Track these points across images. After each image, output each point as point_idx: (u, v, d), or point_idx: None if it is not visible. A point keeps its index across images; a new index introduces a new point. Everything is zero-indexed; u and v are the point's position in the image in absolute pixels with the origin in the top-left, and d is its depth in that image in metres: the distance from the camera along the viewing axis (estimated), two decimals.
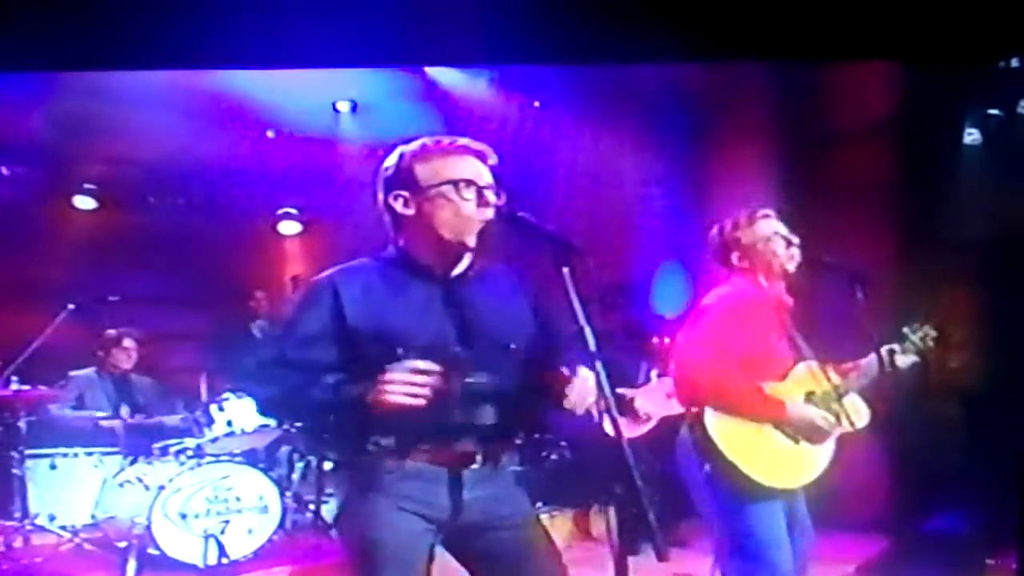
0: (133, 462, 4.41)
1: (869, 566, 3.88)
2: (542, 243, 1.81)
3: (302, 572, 4.16)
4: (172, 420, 4.89)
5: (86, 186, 6.27)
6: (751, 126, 5.32)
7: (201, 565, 3.99)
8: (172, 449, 4.38)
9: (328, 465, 5.85)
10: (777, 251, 2.68)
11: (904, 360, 2.75)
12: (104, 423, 4.82)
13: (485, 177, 1.96)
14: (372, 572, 1.85)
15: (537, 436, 4.97)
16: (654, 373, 4.94)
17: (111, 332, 5.23)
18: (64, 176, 6.18)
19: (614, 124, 5.48)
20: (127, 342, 5.23)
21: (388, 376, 1.76)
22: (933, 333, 2.80)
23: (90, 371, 5.18)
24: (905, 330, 2.79)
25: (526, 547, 1.97)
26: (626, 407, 4.61)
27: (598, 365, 1.68)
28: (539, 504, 5.09)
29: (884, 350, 2.74)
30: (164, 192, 6.40)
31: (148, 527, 3.95)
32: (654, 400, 4.71)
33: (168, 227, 6.26)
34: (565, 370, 1.87)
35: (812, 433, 2.60)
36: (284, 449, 5.10)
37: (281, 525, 4.32)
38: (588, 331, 1.71)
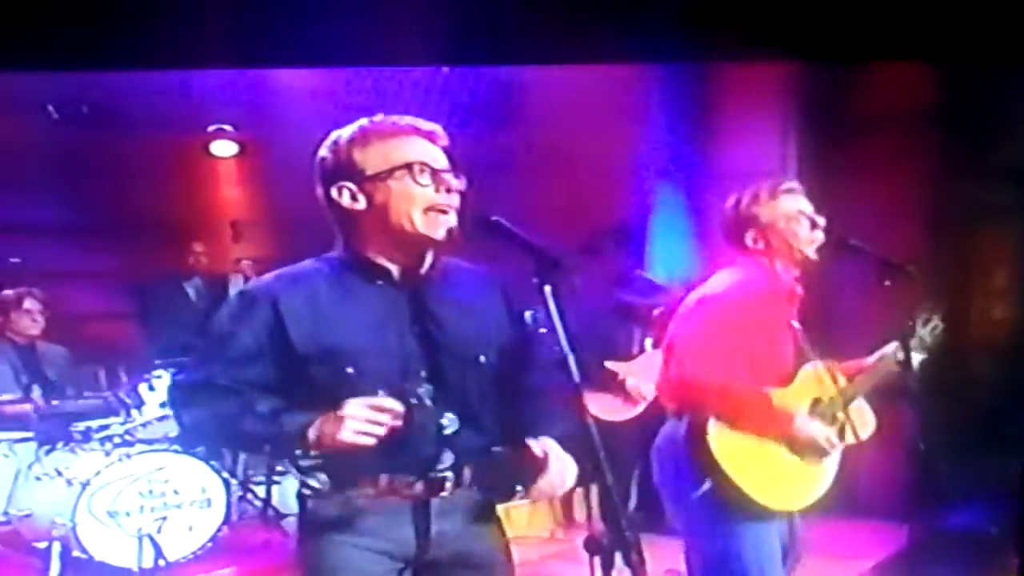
0: (50, 451, 4.45)
1: (888, 563, 4.06)
2: (521, 255, 1.84)
3: (248, 574, 4.27)
4: (93, 401, 4.87)
5: None
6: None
7: (135, 568, 4.08)
8: (96, 436, 4.43)
9: None
10: (799, 233, 2.67)
11: (913, 357, 2.75)
12: (9, 408, 4.74)
13: (440, 160, 1.95)
14: None
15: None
16: (648, 342, 4.96)
17: (8, 293, 5.11)
18: None
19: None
20: (29, 303, 5.08)
21: (343, 412, 1.75)
22: (941, 326, 2.84)
23: None
24: (912, 323, 2.81)
25: None
26: (615, 385, 4.66)
27: (585, 401, 1.73)
28: (519, 488, 5.21)
29: (893, 346, 2.77)
30: (67, 100, 6.03)
31: (73, 528, 4.02)
32: (649, 376, 4.71)
33: (73, 144, 6.02)
34: (536, 446, 1.89)
35: (815, 451, 2.68)
36: None
37: (226, 520, 4.42)
38: (572, 360, 1.76)
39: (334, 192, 1.92)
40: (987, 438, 3.92)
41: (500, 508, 2.07)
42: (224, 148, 6.89)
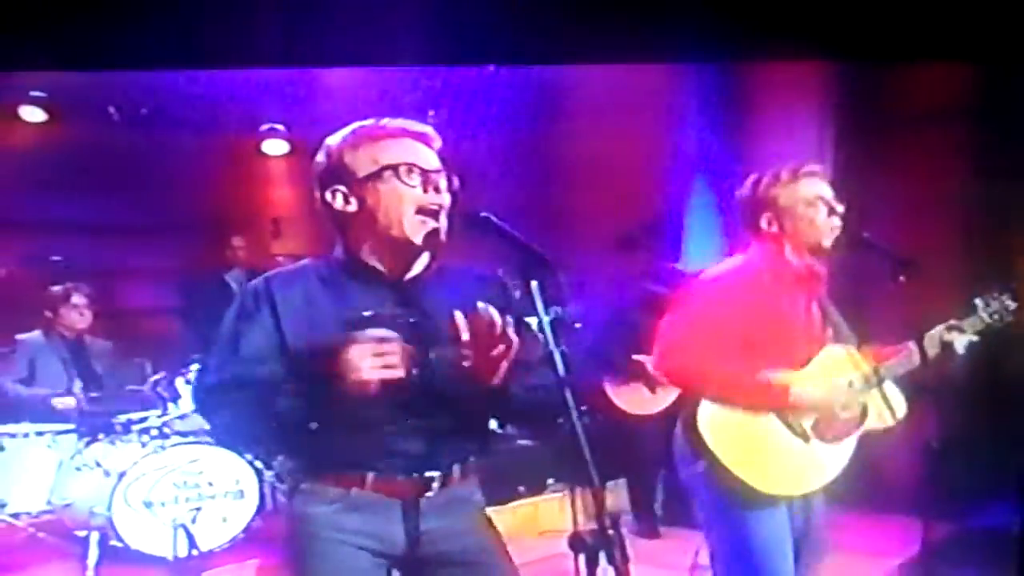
0: (90, 443, 4.59)
1: (916, 560, 4.00)
2: (508, 251, 1.85)
3: (271, 569, 4.33)
4: (131, 394, 4.99)
5: (33, 94, 6.17)
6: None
7: (170, 557, 4.17)
8: (135, 428, 4.55)
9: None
10: (816, 219, 2.63)
11: (960, 340, 2.69)
12: (58, 401, 4.91)
13: (431, 161, 1.98)
14: None
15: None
16: None
17: (56, 288, 5.25)
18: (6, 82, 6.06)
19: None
20: (76, 298, 5.23)
21: (352, 352, 1.77)
22: (1012, 305, 2.73)
23: (37, 334, 5.23)
24: (977, 302, 2.73)
25: None
26: (645, 376, 4.68)
27: (567, 395, 1.74)
28: (550, 481, 5.26)
29: (943, 326, 2.71)
30: (128, 102, 6.23)
31: (110, 518, 4.15)
32: None
33: (133, 144, 6.22)
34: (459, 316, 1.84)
35: (827, 426, 2.63)
36: None
37: (259, 510, 4.51)
38: (557, 355, 1.77)
39: (328, 196, 1.97)
40: (1018, 435, 3.85)
41: (530, 503, 2.05)
42: (275, 147, 7.08)
